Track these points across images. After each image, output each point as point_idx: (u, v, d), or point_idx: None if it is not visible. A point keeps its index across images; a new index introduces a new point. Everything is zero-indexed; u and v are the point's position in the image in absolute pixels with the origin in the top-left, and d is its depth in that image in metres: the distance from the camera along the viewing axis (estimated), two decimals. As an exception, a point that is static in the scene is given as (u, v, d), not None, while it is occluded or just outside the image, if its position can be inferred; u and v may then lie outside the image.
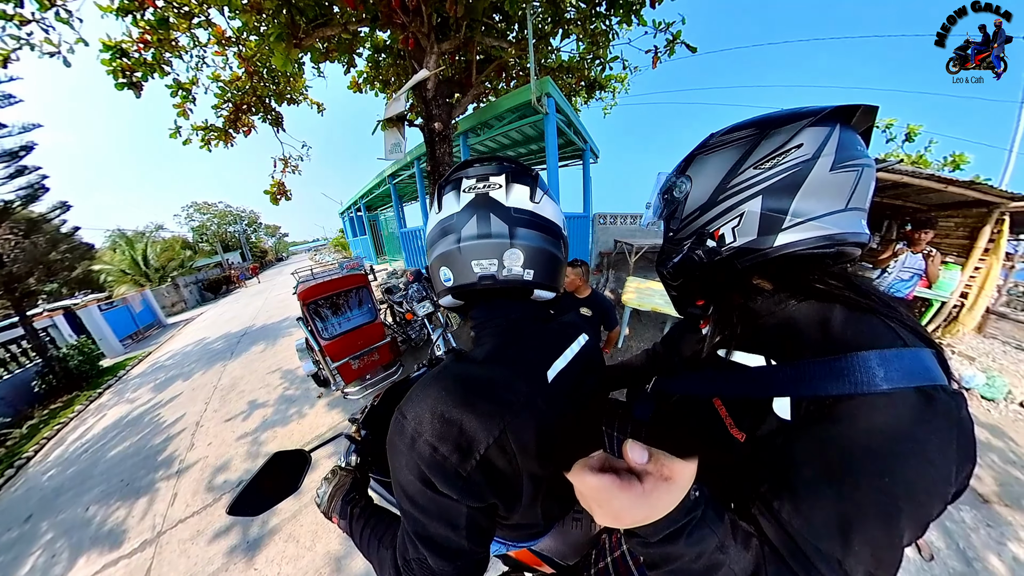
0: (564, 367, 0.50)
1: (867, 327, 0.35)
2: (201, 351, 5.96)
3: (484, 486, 0.39)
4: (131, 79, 3.24)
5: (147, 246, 14.48)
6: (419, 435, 0.38)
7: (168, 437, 3.11)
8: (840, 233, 0.41)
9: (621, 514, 0.28)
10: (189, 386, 4.33)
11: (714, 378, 0.47)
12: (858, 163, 0.40)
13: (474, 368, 0.44)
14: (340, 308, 2.97)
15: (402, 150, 3.55)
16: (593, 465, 0.30)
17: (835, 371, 0.32)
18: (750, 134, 0.44)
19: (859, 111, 0.42)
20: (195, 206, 35.49)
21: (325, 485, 0.66)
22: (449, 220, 0.50)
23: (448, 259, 0.50)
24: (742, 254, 0.44)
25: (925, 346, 0.34)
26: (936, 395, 0.31)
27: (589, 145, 5.88)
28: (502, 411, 0.40)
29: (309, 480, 0.69)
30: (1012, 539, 1.66)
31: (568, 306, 2.14)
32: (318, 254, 23.86)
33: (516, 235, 0.48)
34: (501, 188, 0.49)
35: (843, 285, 0.41)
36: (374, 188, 9.34)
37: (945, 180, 3.10)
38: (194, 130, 4.06)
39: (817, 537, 0.30)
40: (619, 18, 3.51)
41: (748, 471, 0.38)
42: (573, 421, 0.50)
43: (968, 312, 3.56)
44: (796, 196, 0.41)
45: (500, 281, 0.48)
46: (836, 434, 0.31)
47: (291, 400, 3.31)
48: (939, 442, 0.30)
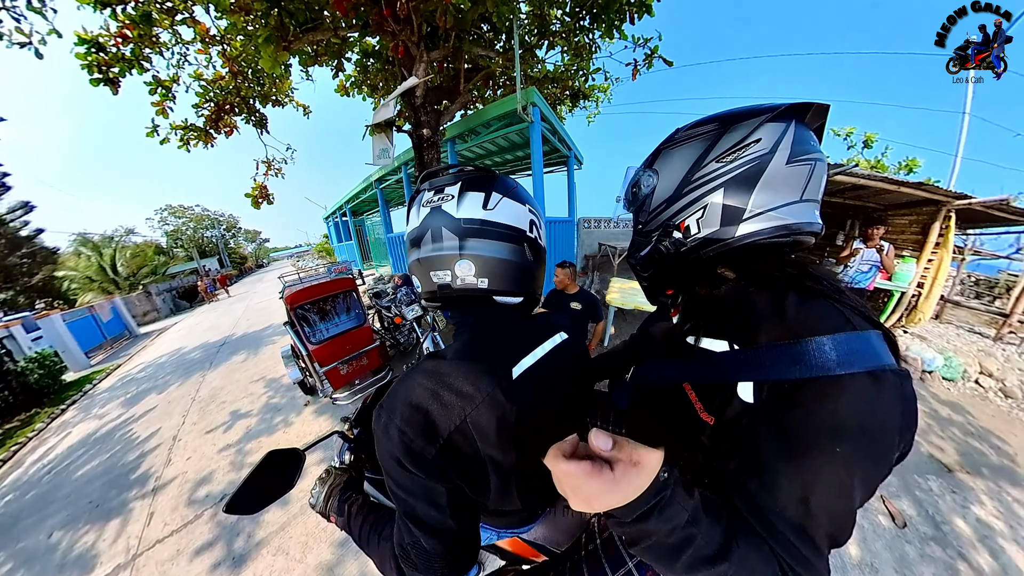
0: (532, 364, 0.53)
1: (819, 311, 0.38)
2: (177, 362, 5.69)
3: (448, 469, 0.43)
4: (107, 75, 3.10)
5: (116, 251, 13.75)
6: (391, 421, 0.43)
7: (142, 454, 2.95)
8: (796, 223, 0.43)
9: (592, 499, 0.30)
10: (164, 399, 4.12)
11: (682, 365, 0.49)
12: (811, 157, 0.43)
13: (442, 365, 0.48)
14: (328, 312, 2.92)
15: (390, 156, 3.55)
16: (566, 451, 0.32)
17: (793, 356, 0.35)
18: (712, 129, 0.46)
19: (812, 109, 0.44)
20: (170, 209, 33.97)
21: (320, 486, 0.67)
22: (412, 233, 0.54)
23: (414, 269, 0.55)
24: (706, 244, 0.46)
25: (873, 328, 0.37)
26: (884, 376, 0.33)
27: (573, 152, 6.03)
28: (464, 403, 0.44)
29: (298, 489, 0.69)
30: (974, 503, 1.82)
31: (559, 302, 2.28)
32: (301, 260, 23.18)
33: (465, 246, 0.49)
34: (453, 200, 0.50)
35: (798, 272, 0.43)
36: (360, 193, 9.23)
37: (897, 182, 3.37)
38: (173, 129, 3.91)
39: (782, 506, 0.33)
40: (601, 32, 3.67)
41: (718, 451, 0.40)
42: (544, 415, 0.54)
43: (925, 300, 3.85)
44: (755, 188, 0.43)
45: (456, 290, 0.51)
46: (795, 416, 0.34)
47: (276, 409, 3.21)
48: (885, 418, 0.33)
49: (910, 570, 1.45)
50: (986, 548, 1.57)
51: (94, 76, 3.08)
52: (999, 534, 1.64)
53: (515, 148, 5.97)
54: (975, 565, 1.49)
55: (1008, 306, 4.22)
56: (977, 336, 4.15)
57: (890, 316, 3.98)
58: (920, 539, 1.59)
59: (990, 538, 1.61)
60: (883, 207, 4.25)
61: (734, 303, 0.46)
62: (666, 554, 0.32)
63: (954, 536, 1.61)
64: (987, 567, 1.48)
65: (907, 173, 8.56)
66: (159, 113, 3.67)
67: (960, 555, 1.52)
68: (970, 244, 5.25)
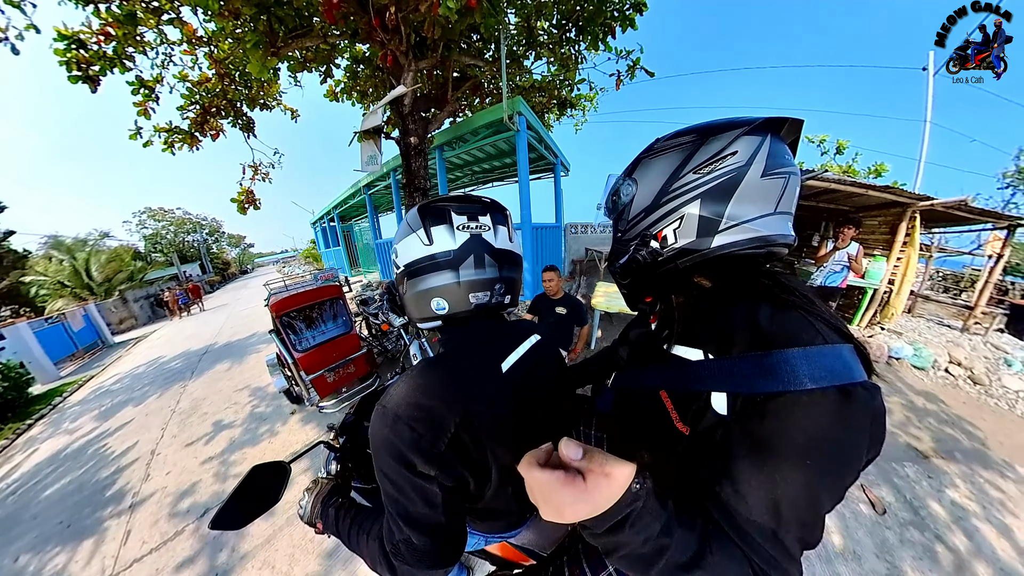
0: (517, 360, 0.59)
1: (791, 324, 0.38)
2: (155, 372, 5.49)
3: (456, 461, 0.46)
4: (87, 72, 3.01)
5: (90, 255, 13.12)
6: (399, 419, 0.45)
7: (118, 469, 2.84)
8: (771, 235, 0.44)
9: (563, 509, 0.30)
10: (142, 411, 3.97)
11: (658, 372, 0.50)
12: (785, 171, 0.44)
13: (438, 365, 0.52)
14: (314, 320, 2.89)
15: (378, 162, 3.56)
16: (540, 459, 0.32)
17: (764, 368, 0.35)
18: (691, 140, 0.46)
19: (787, 123, 0.45)
20: (149, 212, 32.67)
21: (307, 496, 0.67)
22: (446, 256, 0.54)
23: (444, 291, 0.55)
24: (683, 254, 0.47)
25: (844, 341, 0.37)
26: (854, 392, 0.34)
27: (559, 159, 6.15)
28: (464, 398, 0.48)
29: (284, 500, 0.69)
30: (949, 486, 1.93)
31: (545, 306, 2.34)
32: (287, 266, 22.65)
33: (503, 270, 0.58)
34: (490, 230, 0.56)
35: (771, 283, 0.45)
36: (348, 198, 9.15)
37: (866, 185, 3.58)
38: (156, 131, 3.80)
39: (754, 514, 0.33)
40: (587, 44, 3.78)
41: (693, 461, 0.41)
42: (532, 408, 0.59)
43: (897, 296, 4.06)
44: (731, 200, 0.43)
45: (491, 307, 0.57)
46: (766, 429, 0.34)
47: (262, 418, 3.14)
48: (854, 433, 0.34)
49: (891, 555, 1.52)
50: (961, 529, 1.66)
51: (73, 73, 2.98)
52: (973, 515, 1.74)
53: (503, 155, 6.05)
54: (951, 546, 1.57)
55: (973, 299, 4.52)
56: (946, 328, 4.40)
57: (865, 312, 4.17)
58: (899, 524, 1.66)
59: (964, 519, 1.71)
60: (855, 209, 4.48)
61: (709, 312, 0.47)
62: (640, 564, 0.33)
63: (931, 520, 1.70)
64: (962, 547, 1.57)
65: (876, 177, 9.05)
66: (141, 114, 3.57)
67: (937, 537, 1.61)
68: (936, 242, 5.59)
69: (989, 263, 4.41)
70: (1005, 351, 3.63)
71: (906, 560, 1.50)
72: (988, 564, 1.51)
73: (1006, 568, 1.49)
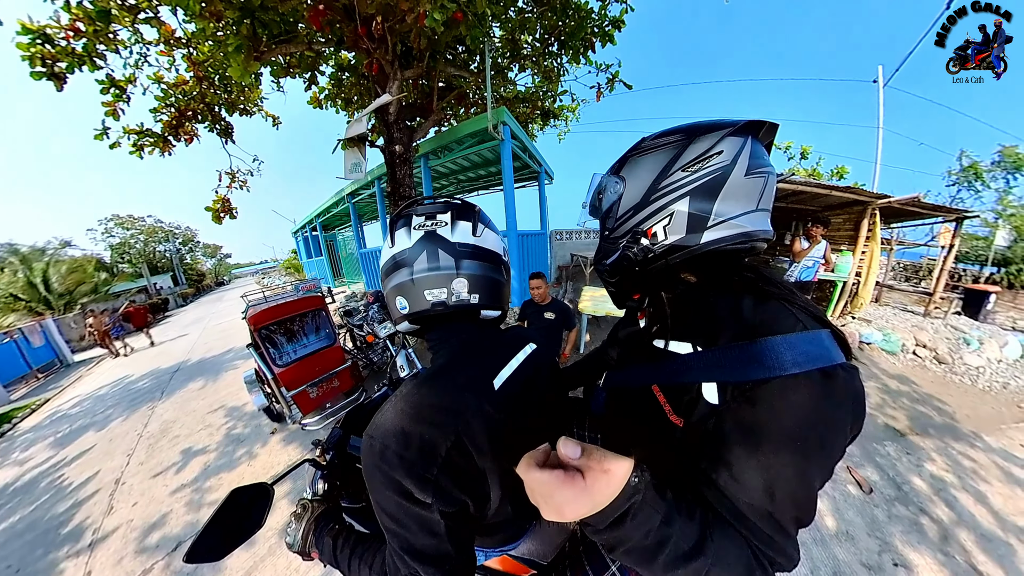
0: (511, 374, 0.56)
1: (772, 313, 0.41)
2: (121, 393, 5.13)
3: (452, 486, 0.44)
4: (53, 69, 2.82)
5: (49, 266, 12.20)
6: (387, 448, 0.43)
7: (76, 503, 2.61)
8: (754, 231, 0.46)
9: (564, 507, 0.30)
10: (104, 437, 3.69)
11: (650, 367, 0.51)
12: (765, 170, 0.46)
13: (425, 386, 0.49)
14: (295, 333, 2.78)
15: (362, 170, 3.51)
16: (538, 460, 0.32)
17: (750, 355, 0.37)
18: (679, 139, 0.48)
19: (765, 126, 0.48)
20: (116, 220, 30.47)
21: (295, 522, 0.63)
22: (402, 255, 0.56)
23: (403, 289, 0.56)
24: (673, 251, 0.48)
25: (821, 327, 0.39)
26: (835, 373, 0.36)
27: (544, 168, 6.25)
28: (455, 420, 0.46)
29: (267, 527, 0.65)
30: (927, 460, 2.06)
31: (534, 312, 2.36)
32: (267, 277, 21.88)
33: (461, 266, 0.55)
34: (447, 225, 0.55)
35: (754, 276, 0.46)
36: (332, 207, 8.96)
37: (830, 186, 3.85)
38: (126, 133, 3.59)
39: (750, 496, 0.35)
40: (569, 57, 3.90)
41: (689, 451, 0.42)
42: (529, 421, 0.56)
43: (864, 287, 4.33)
44: (718, 198, 0.45)
45: (451, 306, 0.55)
46: (756, 414, 0.36)
47: (239, 440, 2.97)
48: (838, 411, 0.36)
49: (881, 531, 1.60)
50: (942, 500, 1.77)
51: (37, 69, 2.80)
52: (951, 485, 1.86)
53: (488, 164, 6.09)
54: (935, 517, 1.67)
55: (931, 286, 4.87)
56: (910, 314, 4.70)
57: (837, 304, 4.42)
58: (886, 501, 1.75)
59: (944, 490, 1.83)
60: (821, 209, 4.80)
61: (696, 306, 0.48)
62: (644, 556, 0.33)
63: (914, 494, 1.80)
64: (945, 517, 1.67)
65: (838, 179, 9.67)
66: (110, 114, 3.37)
67: (921, 510, 1.70)
68: (895, 236, 6.00)
69: (943, 253, 4.81)
70: (963, 331, 3.91)
71: (895, 535, 1.58)
72: (970, 531, 1.61)
73: (986, 533, 1.60)
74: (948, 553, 1.51)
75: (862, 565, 1.46)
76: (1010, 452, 2.15)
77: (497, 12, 3.39)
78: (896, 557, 1.49)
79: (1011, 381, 3.10)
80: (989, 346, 3.56)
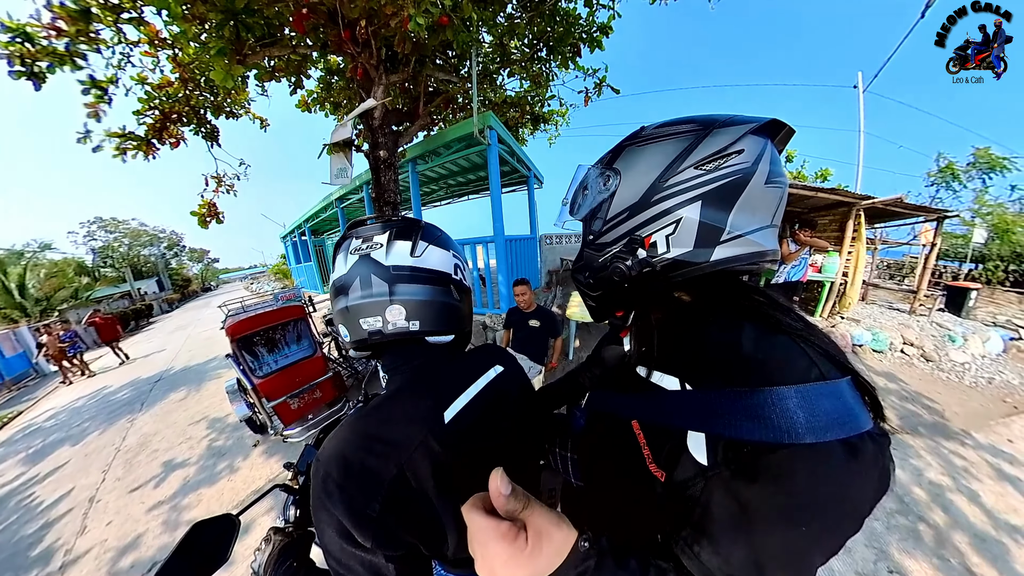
0: (466, 404, 0.52)
1: (780, 350, 0.33)
2: (98, 405, 4.97)
3: (396, 525, 0.40)
4: (32, 68, 2.75)
5: (27, 270, 11.75)
6: (328, 477, 0.40)
7: (47, 523, 2.50)
8: (770, 250, 0.39)
9: (496, 567, 0.26)
10: (80, 452, 3.56)
11: (630, 398, 0.44)
12: (783, 180, 0.39)
13: (372, 416, 0.47)
14: (276, 343, 2.72)
15: (348, 175, 3.47)
16: (485, 504, 0.28)
17: (750, 409, 0.29)
18: (693, 129, 0.39)
19: (785, 129, 0.41)
20: (100, 223, 29.74)
21: (260, 554, 0.60)
22: (340, 280, 0.53)
23: (343, 317, 0.53)
24: (675, 267, 0.39)
25: (841, 374, 0.31)
26: (862, 447, 0.29)
27: (533, 172, 6.27)
28: (397, 453, 0.43)
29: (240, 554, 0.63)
30: (915, 457, 2.07)
31: (519, 319, 2.35)
32: (255, 283, 21.52)
33: (396, 292, 0.51)
34: (382, 248, 0.52)
35: (764, 301, 0.38)
36: (320, 211, 8.84)
37: (815, 188, 3.97)
38: (108, 136, 3.49)
39: (734, 571, 0.30)
40: (558, 63, 3.92)
41: (668, 512, 0.36)
42: (490, 451, 0.52)
43: (851, 287, 4.41)
44: (735, 207, 0.37)
45: (388, 335, 0.51)
46: (755, 493, 0.29)
47: (220, 453, 2.89)
48: (861, 493, 0.29)
49: (879, 541, 1.59)
50: (939, 505, 1.77)
51: (16, 68, 2.71)
52: (947, 489, 1.87)
53: (477, 168, 6.09)
54: (932, 523, 1.67)
55: (915, 284, 5.00)
56: (896, 312, 4.81)
57: (825, 304, 4.51)
58: (886, 515, 1.74)
59: (941, 495, 1.83)
60: (807, 210, 4.91)
61: (688, 333, 0.40)
62: None
63: (914, 504, 1.79)
64: (941, 522, 1.67)
65: (822, 181, 9.96)
66: (91, 116, 3.27)
67: (920, 518, 1.70)
68: (879, 236, 6.17)
69: (925, 251, 4.96)
70: (948, 328, 4.02)
71: (892, 543, 1.58)
72: (964, 533, 1.61)
73: (979, 533, 1.61)
74: (944, 558, 1.50)
75: (857, 575, 1.45)
76: (999, 448, 2.18)
77: (486, 17, 3.39)
78: (892, 565, 1.49)
79: (995, 376, 3.17)
80: (973, 342, 3.66)
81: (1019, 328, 4.23)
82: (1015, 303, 6.09)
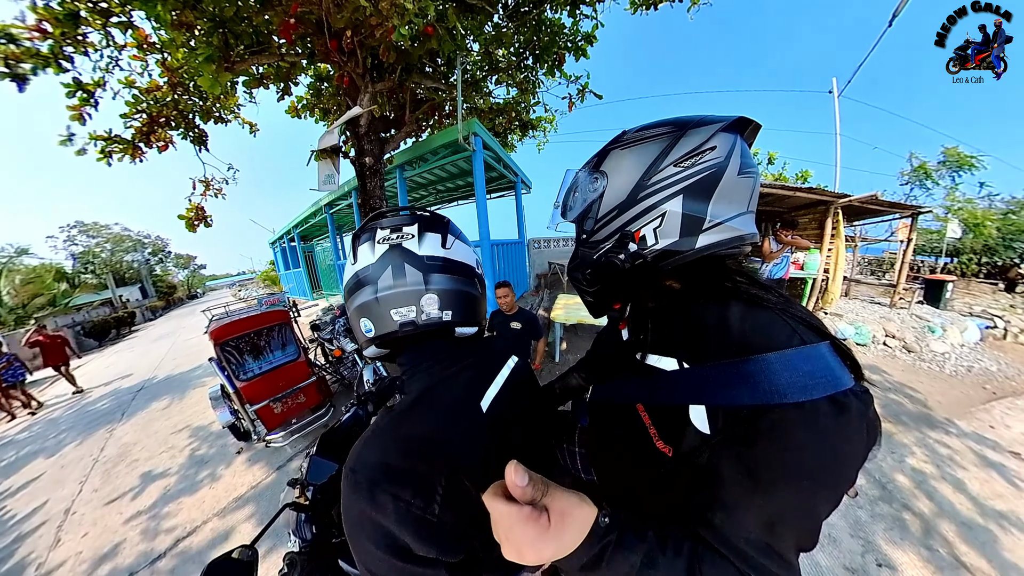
0: (497, 393, 0.51)
1: (763, 323, 0.36)
2: (76, 416, 4.82)
3: (457, 526, 0.38)
4: (15, 70, 2.70)
5: (1, 275, 11.38)
6: (375, 485, 0.37)
7: (18, 537, 2.43)
8: (748, 234, 0.43)
9: (523, 549, 0.27)
10: (55, 464, 3.46)
11: (633, 383, 0.47)
12: (754, 170, 0.43)
13: (408, 416, 0.45)
14: (260, 348, 2.71)
15: (335, 182, 3.49)
16: (503, 492, 0.29)
17: (741, 375, 0.33)
18: (669, 131, 0.43)
19: (751, 125, 0.44)
20: (80, 227, 28.66)
21: None
22: (365, 271, 0.50)
23: (367, 310, 0.50)
24: (664, 256, 0.43)
25: (820, 339, 0.35)
26: (848, 402, 0.31)
27: (520, 177, 6.37)
28: (447, 450, 0.41)
29: None
30: (908, 455, 2.08)
31: (501, 322, 2.39)
32: (243, 289, 21.15)
33: (431, 281, 0.49)
34: (414, 238, 0.50)
35: (745, 281, 0.42)
36: (309, 217, 8.80)
37: (795, 188, 4.16)
38: (92, 139, 3.44)
39: (748, 532, 0.31)
40: (544, 70, 4.03)
41: (679, 485, 0.38)
42: (515, 441, 0.52)
43: (833, 283, 4.56)
44: (712, 198, 0.41)
45: (420, 325, 0.49)
46: (756, 454, 0.32)
47: (202, 461, 2.85)
48: (853, 445, 0.32)
49: (864, 530, 1.60)
50: (923, 492, 1.79)
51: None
52: (931, 476, 1.89)
53: (464, 174, 6.15)
54: (917, 511, 1.69)
55: (895, 278, 5.20)
56: (877, 306, 4.99)
57: (809, 300, 4.64)
58: (870, 502, 1.75)
59: (925, 483, 1.85)
60: (788, 210, 5.07)
61: (681, 317, 0.44)
62: None
63: (897, 492, 1.81)
64: (927, 510, 1.69)
65: (802, 182, 10.30)
66: (75, 119, 3.22)
67: (904, 506, 1.72)
68: (858, 233, 6.40)
69: (902, 247, 5.16)
70: (927, 320, 4.18)
71: (878, 533, 1.59)
72: (950, 521, 1.63)
73: (966, 521, 1.63)
74: (931, 547, 1.50)
75: (845, 569, 1.43)
76: (982, 435, 2.22)
77: (472, 27, 3.47)
78: (880, 557, 1.47)
79: (974, 364, 3.29)
80: (951, 332, 3.80)
81: (994, 317, 4.42)
82: (988, 294, 6.37)
